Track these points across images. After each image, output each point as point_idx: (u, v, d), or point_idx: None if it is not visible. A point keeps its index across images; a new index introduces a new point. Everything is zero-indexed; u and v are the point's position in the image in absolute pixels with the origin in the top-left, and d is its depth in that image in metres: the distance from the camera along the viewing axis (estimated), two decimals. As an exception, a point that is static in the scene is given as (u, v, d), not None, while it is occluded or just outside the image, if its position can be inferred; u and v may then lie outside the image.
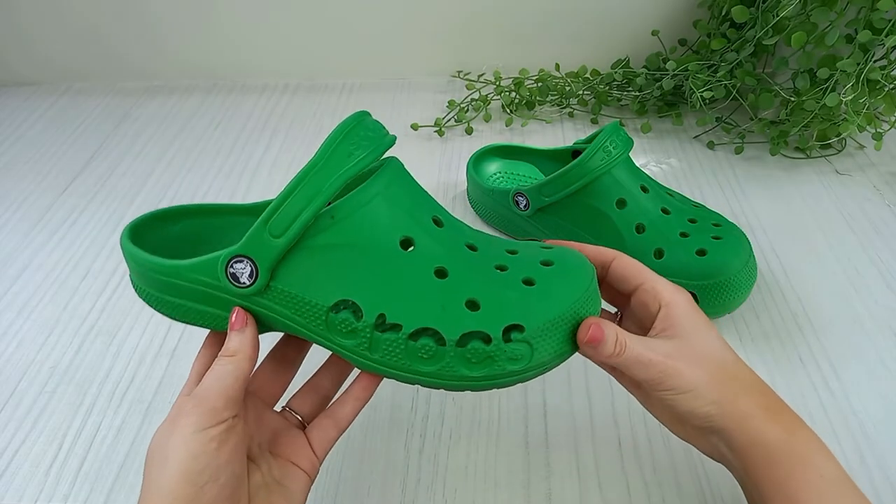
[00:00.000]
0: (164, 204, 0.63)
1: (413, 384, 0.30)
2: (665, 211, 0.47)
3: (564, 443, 0.41)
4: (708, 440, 0.31)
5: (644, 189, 0.48)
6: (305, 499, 0.31)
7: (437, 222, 0.32)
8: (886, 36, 0.53)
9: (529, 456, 0.40)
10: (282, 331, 0.33)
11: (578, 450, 0.40)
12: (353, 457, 0.41)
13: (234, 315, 0.31)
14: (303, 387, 0.35)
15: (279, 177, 0.66)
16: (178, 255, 0.32)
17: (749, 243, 0.46)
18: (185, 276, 0.31)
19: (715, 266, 0.44)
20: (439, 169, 0.66)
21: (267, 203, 0.35)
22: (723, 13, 0.66)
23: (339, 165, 0.29)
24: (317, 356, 0.36)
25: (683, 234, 0.46)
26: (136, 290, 0.34)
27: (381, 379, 0.33)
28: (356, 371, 0.33)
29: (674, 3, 0.71)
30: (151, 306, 0.33)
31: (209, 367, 0.29)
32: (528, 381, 0.30)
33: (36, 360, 0.48)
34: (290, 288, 0.30)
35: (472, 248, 0.32)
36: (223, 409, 0.28)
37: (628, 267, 0.33)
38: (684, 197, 0.51)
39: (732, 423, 0.29)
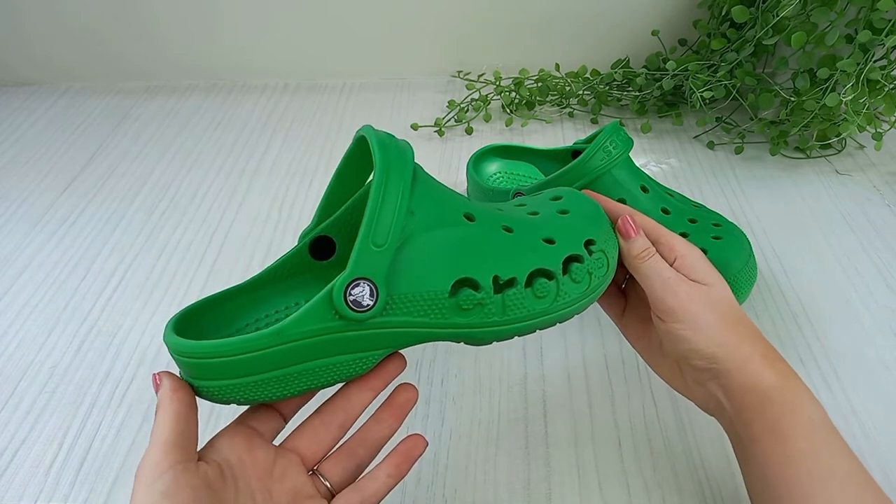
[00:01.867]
0: (165, 204, 0.63)
1: (532, 332, 0.33)
2: (665, 211, 0.47)
3: (564, 443, 0.41)
4: (706, 388, 0.33)
5: (644, 189, 0.48)
6: None
7: (468, 211, 0.35)
8: (886, 36, 0.53)
9: (529, 456, 0.40)
10: (404, 345, 0.32)
11: (578, 450, 0.40)
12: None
13: (153, 381, 0.29)
14: (338, 450, 0.32)
15: (279, 176, 0.66)
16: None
17: (749, 243, 0.46)
18: (291, 333, 0.28)
19: (715, 266, 0.43)
20: (439, 169, 0.66)
21: (271, 268, 0.36)
22: (723, 13, 0.66)
23: (404, 161, 0.31)
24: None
25: (683, 234, 0.46)
26: (215, 396, 0.30)
27: (418, 457, 0.32)
28: (390, 445, 0.32)
29: (674, 3, 0.71)
30: (248, 400, 0.30)
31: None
32: (607, 287, 0.35)
33: (36, 360, 0.48)
34: (409, 289, 0.30)
35: (501, 210, 0.35)
36: (163, 460, 0.26)
37: (647, 224, 0.36)
38: (684, 197, 0.51)
39: (733, 366, 0.31)
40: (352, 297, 0.29)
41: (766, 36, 0.59)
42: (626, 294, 0.40)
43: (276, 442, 0.32)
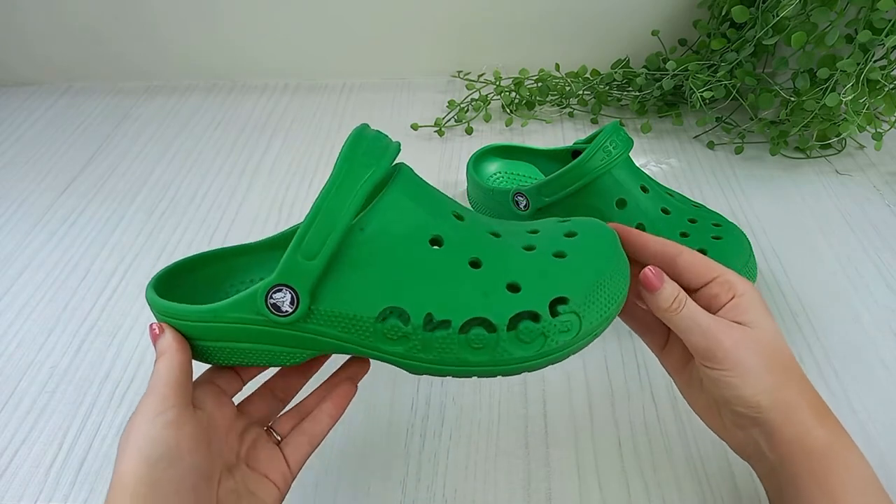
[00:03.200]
0: (165, 204, 0.63)
1: (469, 377, 0.31)
2: (665, 211, 0.47)
3: (564, 443, 0.41)
4: (746, 432, 0.31)
5: (644, 189, 0.48)
6: None
7: (458, 217, 0.32)
8: (886, 36, 0.53)
9: (529, 456, 0.40)
10: (331, 352, 0.33)
11: (578, 450, 0.40)
12: (353, 457, 0.41)
13: (150, 330, 0.32)
14: (289, 411, 0.36)
15: (279, 176, 0.66)
16: (202, 302, 0.32)
17: (749, 243, 0.46)
18: (225, 316, 0.31)
19: (715, 266, 0.44)
20: (439, 169, 0.66)
21: (282, 234, 0.37)
22: (723, 13, 0.66)
23: (359, 176, 0.29)
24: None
25: (683, 234, 0.46)
26: None
27: (354, 395, 0.35)
28: (333, 388, 0.35)
29: (674, 3, 0.71)
30: (202, 360, 0.33)
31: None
32: (579, 351, 0.31)
33: (36, 360, 0.48)
34: (333, 307, 0.30)
35: (495, 234, 0.33)
36: (171, 395, 0.29)
37: (698, 262, 0.33)
38: (684, 197, 0.51)
39: (779, 416, 0.29)
40: (272, 301, 0.30)
41: (766, 36, 0.59)
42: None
43: (235, 401, 0.35)
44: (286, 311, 0.30)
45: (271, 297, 0.30)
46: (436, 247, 0.31)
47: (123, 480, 0.26)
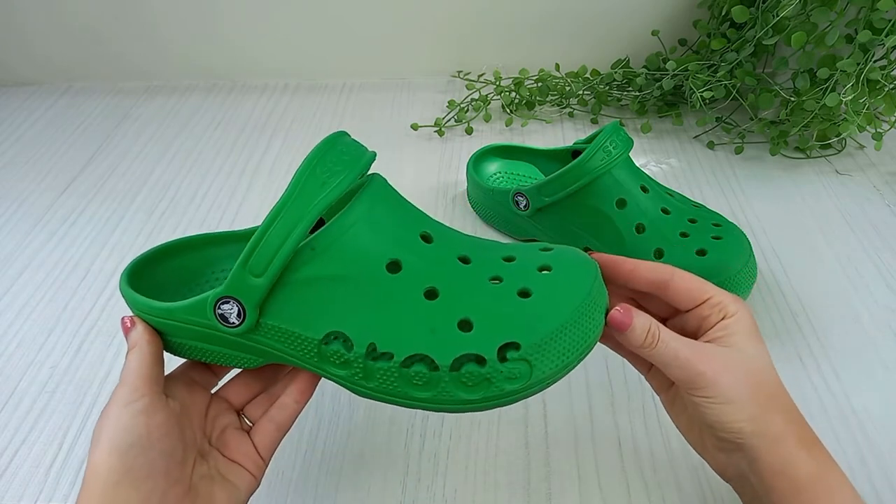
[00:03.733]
0: (165, 204, 0.63)
1: (413, 409, 0.30)
2: (665, 211, 0.47)
3: (564, 443, 0.41)
4: (729, 457, 0.30)
5: (644, 189, 0.48)
6: (248, 498, 0.32)
7: (426, 238, 0.31)
8: (886, 36, 0.53)
9: (529, 456, 0.40)
10: (279, 362, 0.33)
11: (578, 450, 0.40)
12: (353, 456, 0.41)
13: (122, 323, 0.33)
14: (260, 396, 0.36)
15: (279, 177, 0.66)
16: (182, 290, 0.32)
17: (749, 243, 0.46)
18: (178, 317, 0.31)
19: (715, 266, 0.44)
20: (439, 169, 0.66)
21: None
22: (723, 13, 0.66)
23: (313, 195, 0.28)
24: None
25: (683, 234, 0.46)
26: None
27: (318, 381, 0.35)
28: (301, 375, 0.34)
29: (674, 3, 0.71)
30: (171, 352, 0.34)
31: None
32: (531, 396, 0.29)
33: (36, 360, 0.48)
34: (280, 323, 0.30)
35: (464, 260, 0.31)
36: (142, 385, 0.30)
37: (691, 284, 0.31)
38: (684, 197, 0.51)
39: (763, 444, 0.28)
40: (220, 311, 0.30)
41: (766, 36, 0.59)
42: None
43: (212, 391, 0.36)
44: (233, 323, 0.30)
45: (219, 308, 0.29)
46: (393, 273, 0.29)
47: (97, 469, 0.27)
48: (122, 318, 0.33)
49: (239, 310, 0.29)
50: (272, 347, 0.31)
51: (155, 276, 0.35)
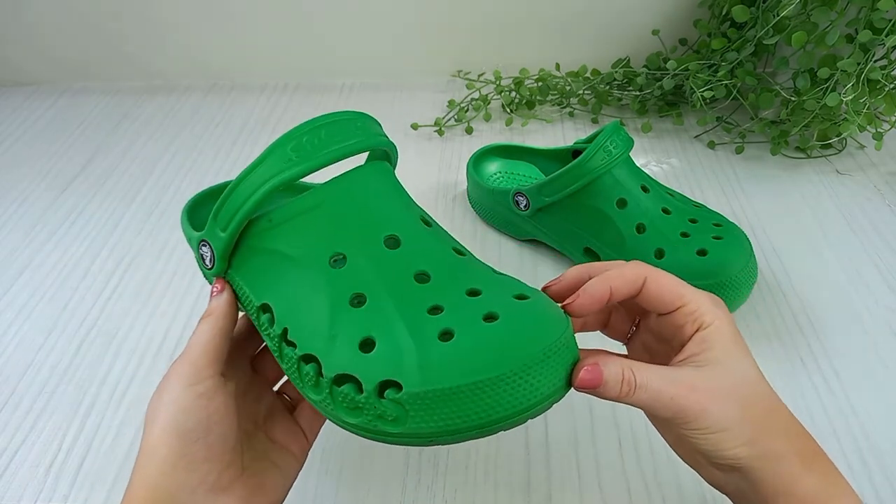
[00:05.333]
0: (165, 204, 0.63)
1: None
2: (666, 211, 0.47)
3: (564, 443, 0.41)
4: (728, 476, 0.28)
5: (644, 189, 0.48)
6: (294, 479, 0.32)
7: (392, 243, 0.29)
8: (887, 36, 0.53)
9: (529, 456, 0.40)
10: None
11: (578, 450, 0.40)
12: (353, 457, 0.40)
13: (215, 286, 0.32)
14: None
15: (279, 177, 0.66)
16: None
17: (750, 243, 0.46)
18: (194, 246, 0.33)
19: (716, 266, 0.44)
20: (439, 169, 0.66)
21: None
22: (723, 13, 0.66)
23: (281, 166, 0.28)
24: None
25: (684, 234, 0.46)
26: None
27: None
28: None
29: (674, 3, 0.71)
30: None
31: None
32: (418, 446, 0.27)
33: (36, 360, 0.48)
34: (239, 279, 0.31)
35: (422, 277, 0.28)
36: (207, 365, 0.29)
37: (665, 287, 0.29)
38: (685, 197, 0.51)
39: (763, 465, 0.26)
40: (201, 252, 0.32)
41: (767, 35, 0.59)
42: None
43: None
44: (208, 266, 0.32)
45: (201, 248, 0.32)
46: (335, 267, 0.28)
47: (154, 450, 0.27)
48: (216, 280, 0.32)
49: (211, 255, 0.31)
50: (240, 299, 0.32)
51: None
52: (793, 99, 0.61)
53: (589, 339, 0.33)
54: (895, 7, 0.53)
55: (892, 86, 0.57)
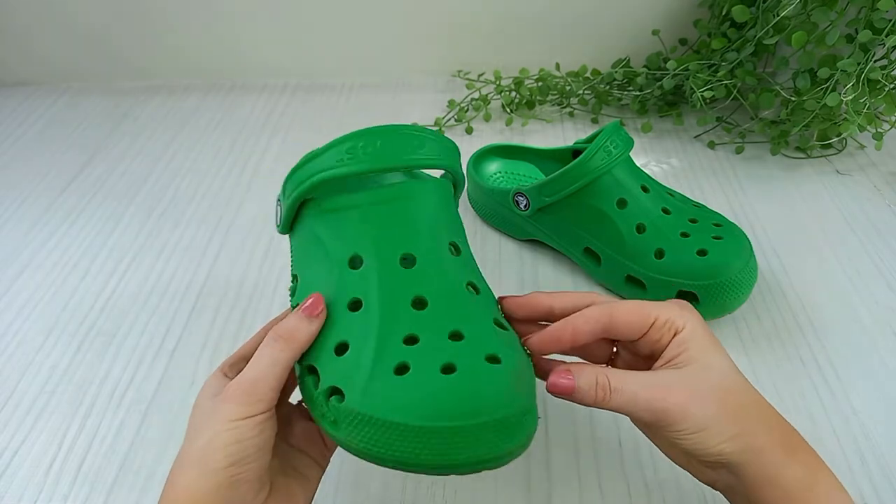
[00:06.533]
0: (164, 204, 0.63)
1: None
2: (666, 211, 0.47)
3: (564, 443, 0.41)
4: (716, 472, 0.29)
5: (644, 189, 0.47)
6: (317, 486, 0.32)
7: (407, 262, 0.30)
8: (887, 36, 0.53)
9: (529, 456, 0.40)
10: None
11: (578, 450, 0.40)
12: (353, 457, 0.40)
13: (312, 299, 0.29)
14: None
15: (279, 177, 0.65)
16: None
17: (750, 243, 0.46)
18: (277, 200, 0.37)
19: (716, 266, 0.44)
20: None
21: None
22: (723, 13, 0.66)
23: (326, 163, 0.30)
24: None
25: (684, 234, 0.46)
26: None
27: None
28: None
29: (674, 3, 0.71)
30: None
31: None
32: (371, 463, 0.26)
33: (36, 360, 0.48)
34: (293, 244, 0.34)
35: (420, 303, 0.28)
36: (268, 398, 0.27)
37: (631, 317, 0.30)
38: (685, 197, 0.51)
39: (747, 459, 0.27)
40: (277, 207, 0.36)
41: (767, 35, 0.59)
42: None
43: None
44: (277, 222, 0.35)
45: (277, 204, 0.35)
46: (352, 267, 0.30)
47: (206, 473, 0.26)
48: (314, 299, 0.29)
49: (278, 215, 0.35)
50: None
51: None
52: (793, 99, 0.61)
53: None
54: (895, 7, 0.53)
55: (892, 86, 0.57)
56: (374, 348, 0.27)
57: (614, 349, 0.34)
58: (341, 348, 0.27)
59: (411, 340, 0.27)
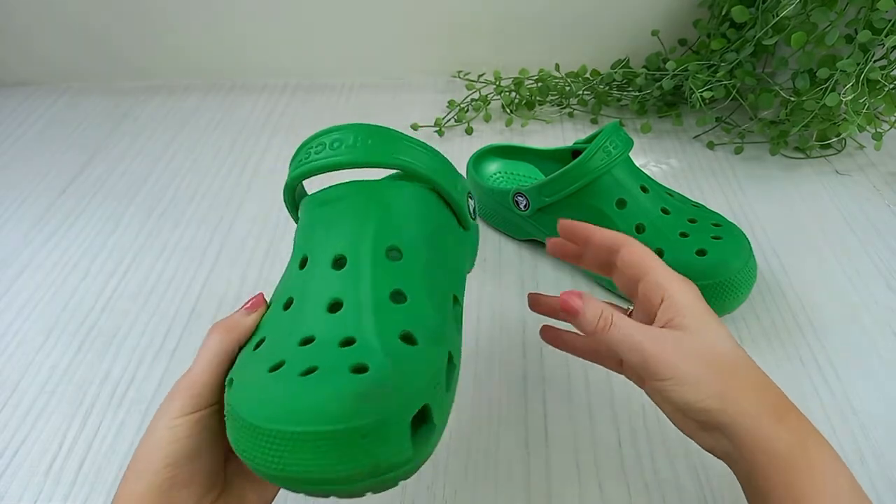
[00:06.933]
0: (164, 204, 0.63)
1: None
2: (665, 211, 0.47)
3: (564, 443, 0.41)
4: (711, 435, 0.30)
5: (644, 189, 0.48)
6: (276, 495, 0.31)
7: (338, 264, 0.28)
8: (886, 36, 0.53)
9: (529, 456, 0.40)
10: None
11: (578, 450, 0.40)
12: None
13: (254, 298, 0.30)
14: None
15: (279, 176, 0.66)
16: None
17: (749, 243, 0.46)
18: None
19: (715, 266, 0.44)
20: (439, 169, 0.66)
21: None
22: (723, 13, 0.66)
23: (317, 156, 0.30)
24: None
25: (683, 234, 0.46)
26: None
27: None
28: None
29: (674, 3, 0.71)
30: None
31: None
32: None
33: (36, 360, 0.48)
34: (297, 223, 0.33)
35: (335, 306, 0.27)
36: (209, 395, 0.27)
37: (634, 257, 0.32)
38: (684, 197, 0.51)
39: (736, 420, 0.28)
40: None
41: (766, 36, 0.59)
42: None
43: None
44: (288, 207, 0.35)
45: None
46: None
47: (142, 476, 0.25)
48: (255, 299, 0.30)
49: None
50: None
51: None
52: (792, 99, 0.61)
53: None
54: (895, 7, 0.53)
55: (891, 86, 0.57)
56: (273, 345, 0.26)
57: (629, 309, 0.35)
58: (259, 343, 0.27)
59: (307, 341, 0.25)
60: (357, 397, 0.22)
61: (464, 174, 0.61)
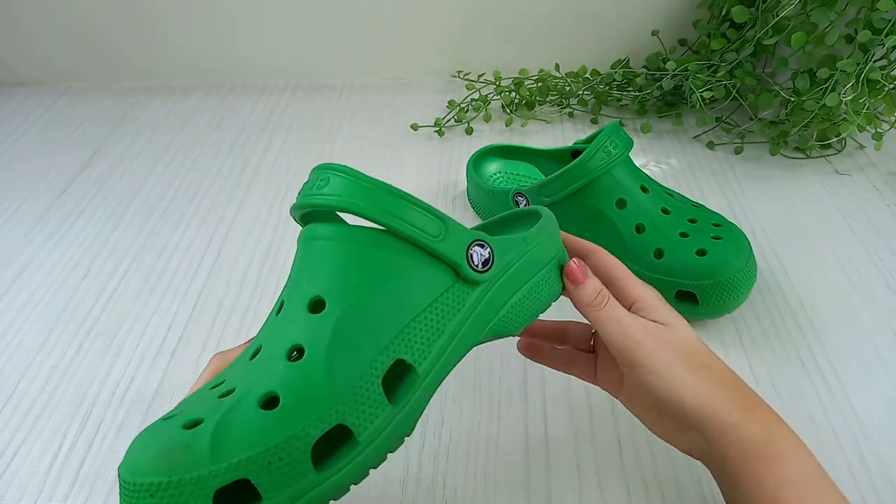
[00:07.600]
0: (164, 204, 0.63)
1: None
2: (665, 211, 0.47)
3: (564, 442, 0.41)
4: (687, 435, 0.31)
5: (644, 189, 0.48)
6: None
7: (279, 310, 0.28)
8: (886, 36, 0.53)
9: (529, 456, 0.40)
10: None
11: (578, 449, 0.40)
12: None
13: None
14: None
15: (279, 177, 0.66)
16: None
17: (749, 243, 0.46)
18: None
19: (715, 266, 0.44)
20: (439, 169, 0.66)
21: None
22: (723, 13, 0.66)
23: (315, 192, 0.28)
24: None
25: (683, 234, 0.46)
26: None
27: None
28: None
29: (674, 3, 0.71)
30: None
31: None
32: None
33: (36, 360, 0.48)
34: None
35: (254, 354, 0.27)
36: None
37: (609, 260, 0.35)
38: (684, 197, 0.51)
39: (707, 415, 0.29)
40: None
41: (766, 36, 0.59)
42: (595, 349, 0.38)
43: None
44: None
45: None
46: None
47: None
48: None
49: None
50: None
51: None
52: (792, 99, 0.61)
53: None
54: (895, 7, 0.53)
55: (891, 86, 0.57)
56: (203, 392, 0.26)
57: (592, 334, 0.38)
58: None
59: (223, 391, 0.25)
60: (157, 454, 0.21)
61: (464, 174, 0.61)
